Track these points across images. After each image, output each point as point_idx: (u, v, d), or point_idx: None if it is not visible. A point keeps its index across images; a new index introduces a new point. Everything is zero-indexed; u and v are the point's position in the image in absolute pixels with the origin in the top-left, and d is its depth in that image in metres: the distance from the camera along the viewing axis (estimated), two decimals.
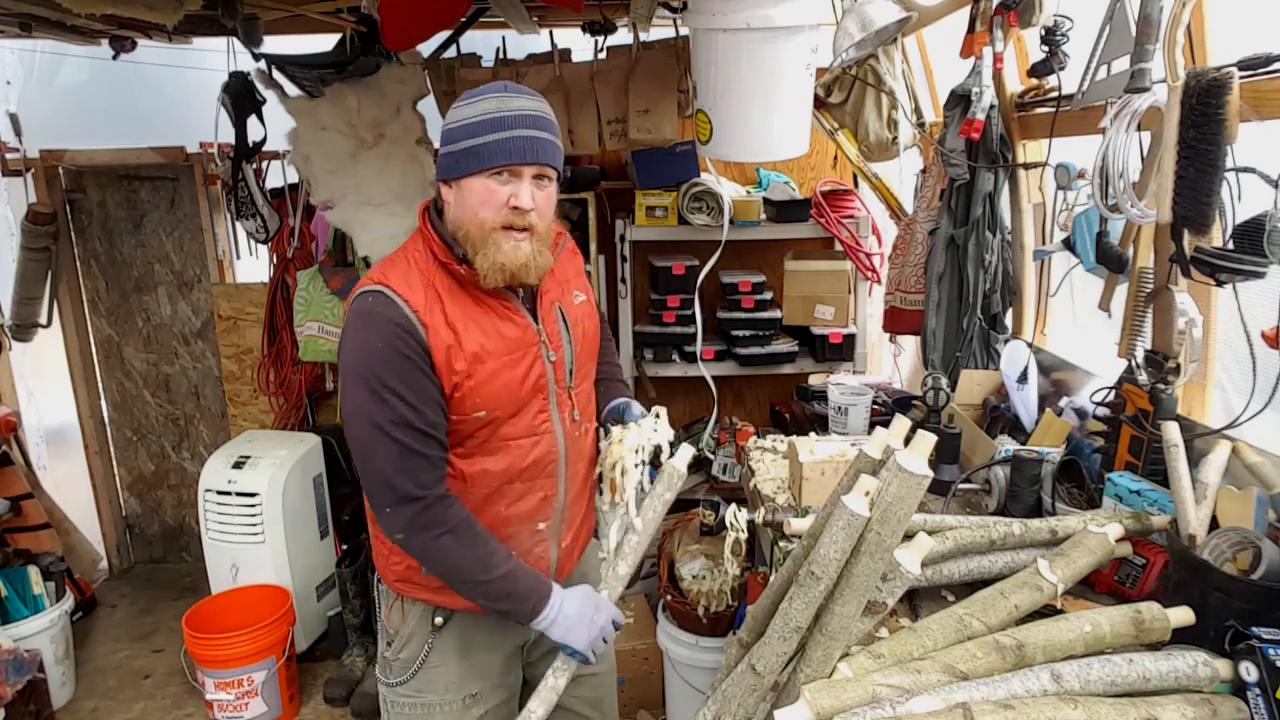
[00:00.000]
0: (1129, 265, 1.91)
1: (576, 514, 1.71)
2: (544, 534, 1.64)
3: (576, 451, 1.66)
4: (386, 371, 1.41)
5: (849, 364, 3.44)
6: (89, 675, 3.39)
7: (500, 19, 3.03)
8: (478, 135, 1.42)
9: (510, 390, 1.51)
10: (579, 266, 1.74)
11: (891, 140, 2.88)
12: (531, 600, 1.51)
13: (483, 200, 1.44)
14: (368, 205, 3.01)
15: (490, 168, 1.42)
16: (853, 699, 1.09)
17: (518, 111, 1.43)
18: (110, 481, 4.15)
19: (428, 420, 1.44)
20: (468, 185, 1.45)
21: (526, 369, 1.53)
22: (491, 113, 1.42)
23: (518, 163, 1.42)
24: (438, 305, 1.46)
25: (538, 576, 1.55)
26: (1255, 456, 1.55)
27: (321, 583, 3.45)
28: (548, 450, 1.59)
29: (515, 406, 1.53)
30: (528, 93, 1.48)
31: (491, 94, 1.45)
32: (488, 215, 1.44)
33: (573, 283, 1.68)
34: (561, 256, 1.67)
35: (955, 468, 2.10)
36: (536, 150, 1.44)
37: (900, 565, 1.15)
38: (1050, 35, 2.11)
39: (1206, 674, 1.18)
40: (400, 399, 1.41)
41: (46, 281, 3.70)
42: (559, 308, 1.61)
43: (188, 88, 3.60)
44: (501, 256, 1.43)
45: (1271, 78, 1.48)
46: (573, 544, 1.73)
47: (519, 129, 1.42)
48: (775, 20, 2.20)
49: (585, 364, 1.68)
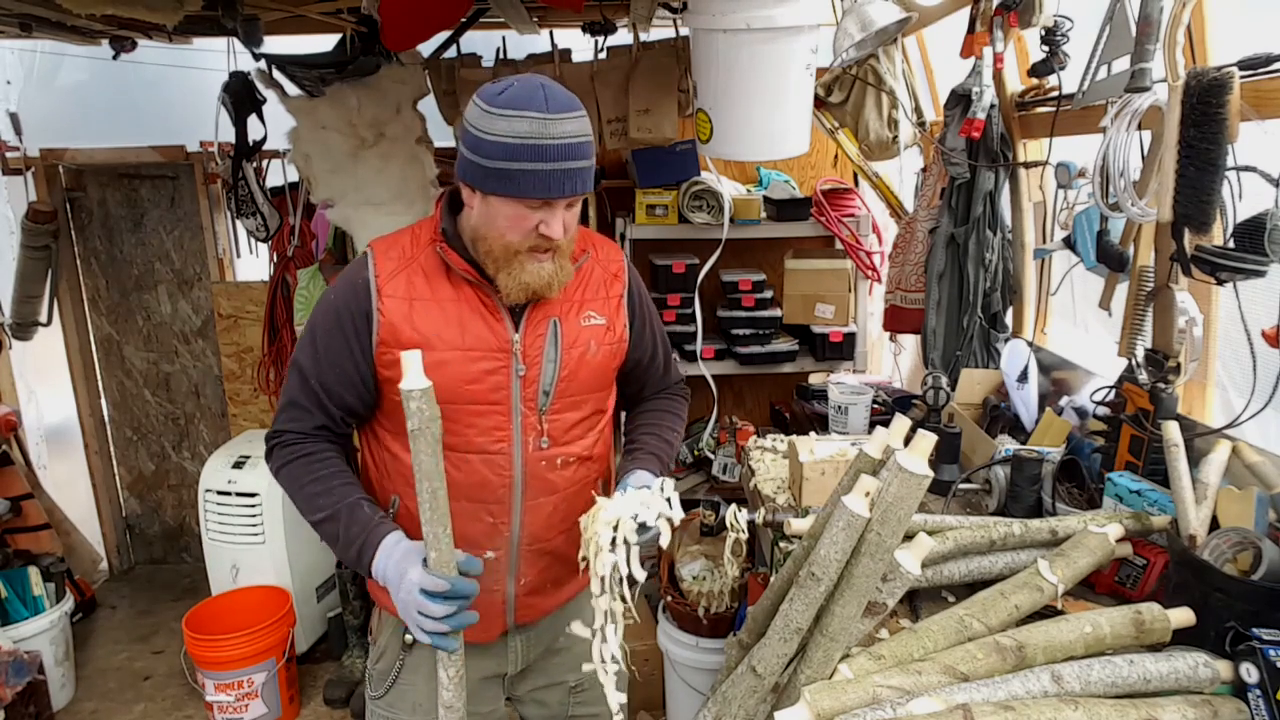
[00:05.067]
0: (1129, 264, 1.91)
1: (544, 556, 1.57)
2: (494, 564, 1.52)
3: (541, 484, 1.52)
4: (321, 322, 1.47)
5: (849, 363, 3.44)
6: (89, 677, 3.39)
7: (500, 19, 3.02)
8: (515, 160, 1.31)
9: (455, 388, 1.42)
10: (614, 289, 1.58)
11: (892, 139, 2.88)
12: (355, 547, 1.40)
13: (511, 224, 1.37)
14: (368, 204, 3.01)
15: (525, 197, 1.34)
16: (853, 700, 1.09)
17: (561, 140, 1.32)
18: (110, 481, 4.15)
19: (321, 381, 1.46)
20: (496, 204, 1.37)
21: (484, 373, 1.45)
22: (533, 137, 1.31)
23: (555, 198, 1.35)
24: (408, 278, 1.45)
25: (371, 525, 1.40)
26: (1255, 456, 1.54)
27: (321, 584, 3.45)
28: (499, 473, 1.49)
29: (463, 411, 1.45)
30: (568, 105, 1.35)
31: (531, 111, 1.31)
32: (514, 239, 1.38)
33: (591, 303, 1.55)
34: (590, 274, 1.57)
35: (955, 467, 2.10)
36: (576, 183, 1.36)
37: (900, 566, 1.15)
38: (1050, 35, 2.11)
39: (1207, 675, 1.18)
40: (314, 350, 1.47)
41: (47, 280, 3.70)
42: (555, 322, 1.50)
43: (188, 88, 3.60)
44: (526, 277, 1.40)
45: (1271, 77, 1.48)
46: (540, 589, 1.59)
47: (558, 161, 1.32)
48: (776, 20, 2.20)
49: (575, 392, 1.53)
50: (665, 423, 1.69)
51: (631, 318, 1.61)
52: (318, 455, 1.48)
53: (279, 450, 1.50)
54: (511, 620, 1.59)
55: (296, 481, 1.47)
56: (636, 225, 3.35)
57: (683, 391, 1.80)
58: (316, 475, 1.46)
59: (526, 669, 1.68)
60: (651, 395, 1.75)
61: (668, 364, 1.76)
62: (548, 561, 1.58)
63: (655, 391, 1.75)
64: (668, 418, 1.70)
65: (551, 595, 1.62)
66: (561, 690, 1.70)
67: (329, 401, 1.48)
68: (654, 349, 1.70)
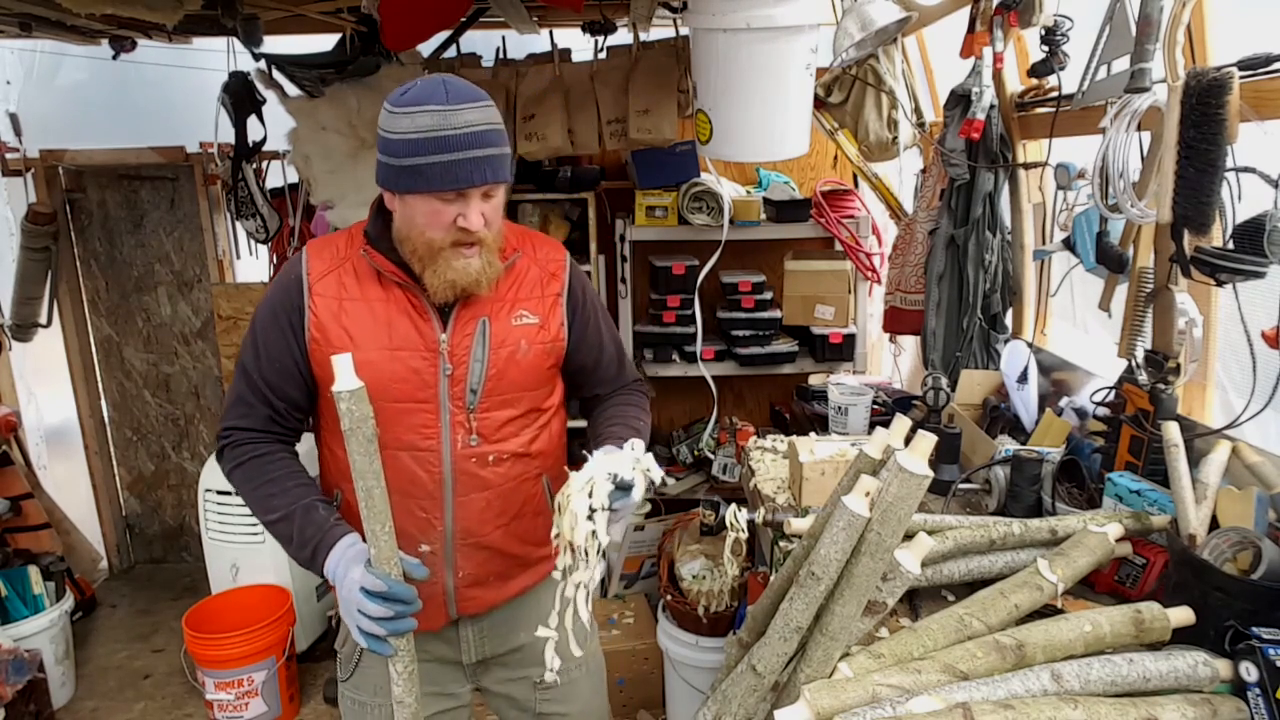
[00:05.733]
0: (1129, 265, 1.91)
1: (481, 551, 1.57)
2: (430, 557, 1.53)
3: (471, 480, 1.52)
4: (260, 320, 1.52)
5: (849, 364, 3.44)
6: (89, 675, 3.39)
7: (500, 19, 3.03)
8: (419, 154, 1.34)
9: (383, 386, 1.44)
10: (551, 288, 1.59)
11: (891, 140, 2.89)
12: (309, 548, 1.42)
13: (428, 221, 1.39)
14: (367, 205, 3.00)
15: (435, 190, 1.36)
16: (853, 699, 1.09)
17: (462, 129, 1.34)
18: (110, 481, 4.15)
19: (264, 376, 1.50)
20: (411, 203, 1.39)
21: (411, 372, 1.47)
22: (433, 129, 1.33)
23: (464, 187, 1.36)
24: (339, 278, 1.49)
25: (326, 527, 1.42)
26: (1255, 456, 1.55)
27: (321, 583, 3.44)
28: (428, 469, 1.50)
29: (391, 409, 1.46)
30: (470, 96, 1.37)
31: (432, 105, 1.33)
32: (435, 235, 1.40)
33: (524, 302, 1.55)
34: (525, 272, 1.57)
35: (955, 468, 2.10)
36: (484, 171, 1.36)
37: (900, 565, 1.15)
38: (1050, 35, 2.11)
39: (1206, 674, 1.18)
40: (255, 346, 1.51)
41: (46, 281, 3.70)
42: (484, 322, 1.50)
43: (188, 88, 3.60)
44: (452, 274, 1.41)
45: (1271, 78, 1.48)
46: (481, 582, 1.60)
47: (463, 150, 1.34)
48: (775, 20, 2.20)
49: (506, 390, 1.52)
50: (628, 414, 1.66)
51: (572, 317, 1.61)
52: (270, 456, 1.51)
53: (230, 450, 1.53)
54: (454, 611, 1.60)
55: (250, 482, 1.50)
56: (636, 227, 3.36)
57: (642, 388, 1.78)
58: (270, 476, 1.49)
59: (489, 660, 1.69)
60: (609, 394, 1.75)
61: (621, 363, 1.75)
62: (485, 556, 1.58)
63: (611, 391, 1.75)
64: (630, 409, 1.68)
65: (495, 588, 1.62)
66: (526, 685, 1.71)
67: (273, 395, 1.51)
68: (601, 349, 1.69)
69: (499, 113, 1.42)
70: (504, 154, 1.41)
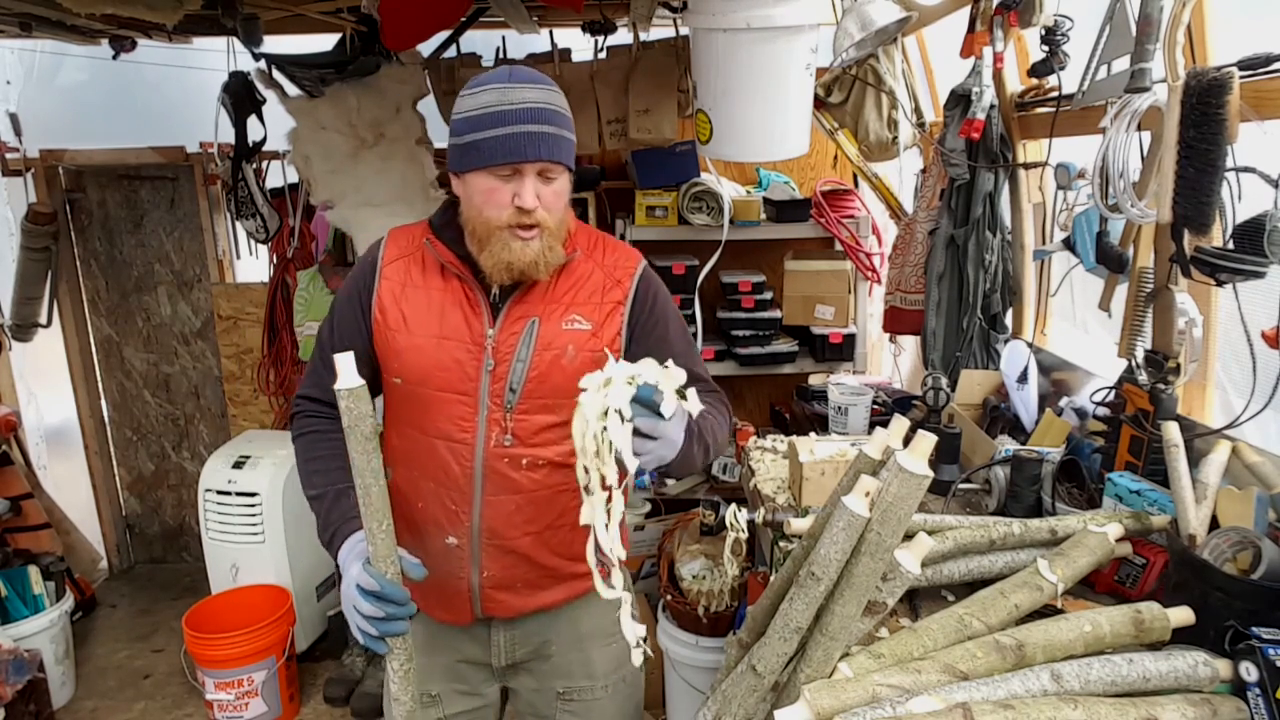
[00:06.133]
0: (1129, 265, 1.91)
1: (508, 554, 1.54)
2: (457, 550, 1.53)
3: (502, 480, 1.50)
4: (339, 296, 1.59)
5: (849, 364, 3.44)
6: (89, 675, 3.39)
7: (500, 19, 3.03)
8: (479, 130, 1.37)
9: (424, 369, 1.48)
10: (612, 295, 1.53)
11: (891, 140, 2.89)
12: (330, 532, 1.45)
13: (486, 198, 1.40)
14: (368, 205, 3.01)
15: (490, 165, 1.37)
16: (853, 699, 1.09)
17: (520, 105, 1.36)
18: (110, 481, 4.15)
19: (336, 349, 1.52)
20: (471, 181, 1.41)
21: (453, 361, 1.47)
22: (492, 106, 1.36)
23: (518, 160, 1.36)
24: (407, 265, 1.53)
25: (348, 515, 1.42)
26: (1255, 456, 1.55)
27: (321, 583, 3.45)
28: (460, 462, 1.49)
29: (433, 396, 1.48)
30: (535, 81, 1.40)
31: (494, 84, 1.38)
32: (493, 214, 1.40)
33: (580, 306, 1.51)
34: (587, 276, 1.53)
35: (955, 468, 2.10)
36: (538, 146, 1.37)
37: (900, 565, 1.15)
38: (1050, 35, 2.11)
39: (1206, 674, 1.18)
40: (332, 320, 1.58)
41: (46, 281, 3.70)
42: (533, 322, 1.48)
43: (188, 88, 3.60)
44: (509, 255, 1.41)
45: (1271, 78, 1.48)
46: (507, 586, 1.56)
47: (520, 124, 1.36)
48: (775, 20, 2.20)
49: (547, 395, 1.48)
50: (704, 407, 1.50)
51: (632, 328, 1.55)
52: (325, 435, 1.55)
53: (297, 420, 1.61)
54: (478, 610, 1.58)
55: (303, 454, 1.56)
56: (636, 227, 3.35)
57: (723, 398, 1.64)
58: (318, 454, 1.54)
59: (518, 665, 1.68)
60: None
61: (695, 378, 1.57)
62: (512, 560, 1.55)
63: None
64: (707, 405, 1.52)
65: (523, 595, 1.59)
66: (550, 695, 1.69)
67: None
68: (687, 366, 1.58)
69: (565, 100, 1.45)
70: (563, 136, 1.42)
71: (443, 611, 1.60)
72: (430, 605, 1.60)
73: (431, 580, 1.52)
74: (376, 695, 3.05)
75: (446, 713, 1.64)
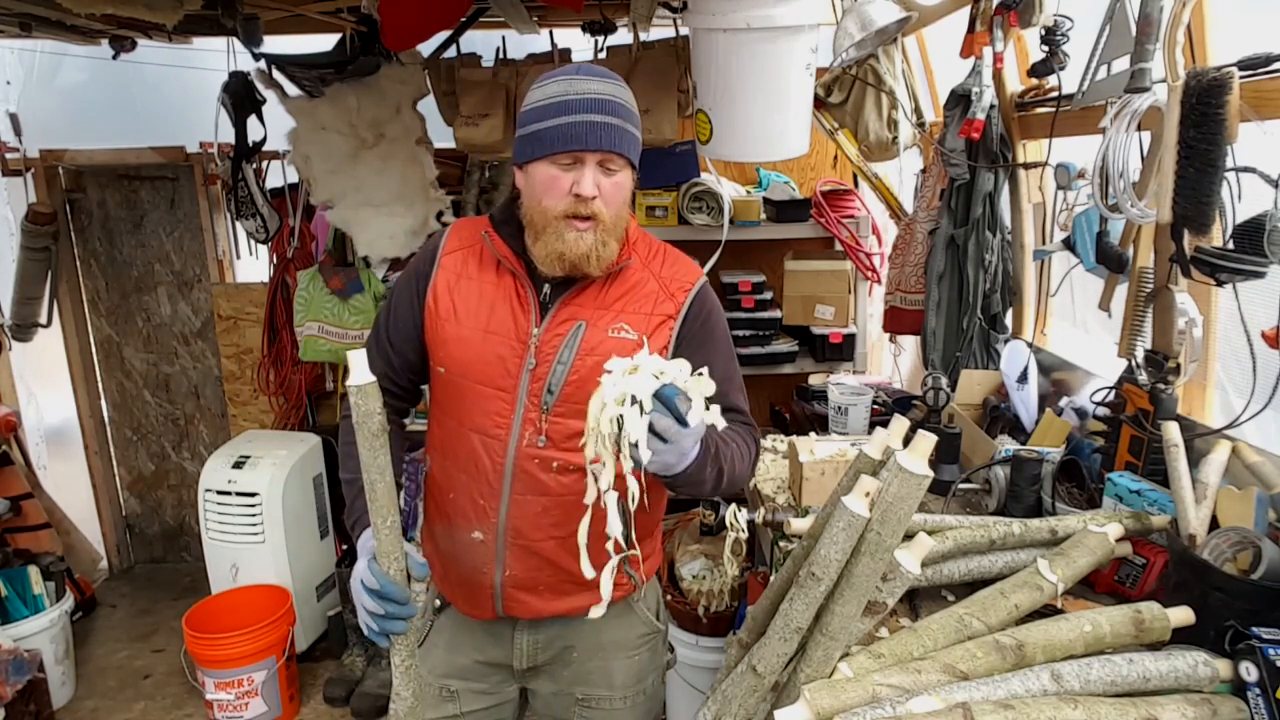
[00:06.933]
0: (1129, 265, 1.91)
1: (531, 556, 1.53)
2: (482, 545, 1.52)
3: (530, 481, 1.48)
4: (399, 281, 1.61)
5: (849, 364, 3.44)
6: (89, 675, 3.39)
7: (500, 19, 3.03)
8: (543, 119, 1.38)
9: (466, 361, 1.49)
10: (663, 308, 1.50)
11: (891, 140, 2.89)
12: (354, 517, 1.48)
13: (546, 187, 1.39)
14: (368, 205, 3.01)
15: (552, 153, 1.37)
16: (853, 699, 1.09)
17: (585, 95, 1.37)
18: (110, 481, 4.15)
19: (389, 333, 1.59)
20: (533, 171, 1.41)
21: (495, 356, 1.47)
22: (558, 96, 1.37)
23: (578, 148, 1.36)
24: (464, 257, 1.54)
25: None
26: (1255, 456, 1.55)
27: (321, 583, 3.45)
28: (492, 457, 1.48)
29: (472, 389, 1.49)
30: (601, 75, 1.41)
31: (561, 76, 1.40)
32: (551, 203, 1.39)
33: (630, 315, 1.48)
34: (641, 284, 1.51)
35: (955, 468, 2.10)
36: (600, 135, 1.36)
37: (900, 565, 1.15)
38: (1050, 35, 2.11)
39: (1206, 674, 1.18)
40: (390, 305, 1.60)
41: (46, 281, 3.70)
42: (580, 325, 1.46)
43: (188, 88, 3.60)
44: (562, 245, 1.40)
45: (1271, 78, 1.48)
46: (530, 587, 1.55)
47: (583, 114, 1.36)
48: (775, 20, 2.20)
49: (583, 401, 1.36)
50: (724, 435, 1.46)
51: (678, 346, 1.51)
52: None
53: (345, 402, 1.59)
54: (500, 608, 1.58)
55: (344, 437, 1.57)
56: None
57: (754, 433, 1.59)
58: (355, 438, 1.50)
59: (537, 669, 1.68)
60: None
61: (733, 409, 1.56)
62: (536, 562, 1.54)
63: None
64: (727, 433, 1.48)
65: (545, 599, 1.58)
66: (568, 700, 1.69)
67: (391, 352, 1.59)
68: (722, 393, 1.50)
69: (632, 97, 1.44)
70: (627, 129, 1.41)
71: (467, 605, 1.61)
72: (457, 598, 1.62)
73: (458, 574, 1.57)
74: (376, 695, 3.05)
75: (463, 709, 1.65)
